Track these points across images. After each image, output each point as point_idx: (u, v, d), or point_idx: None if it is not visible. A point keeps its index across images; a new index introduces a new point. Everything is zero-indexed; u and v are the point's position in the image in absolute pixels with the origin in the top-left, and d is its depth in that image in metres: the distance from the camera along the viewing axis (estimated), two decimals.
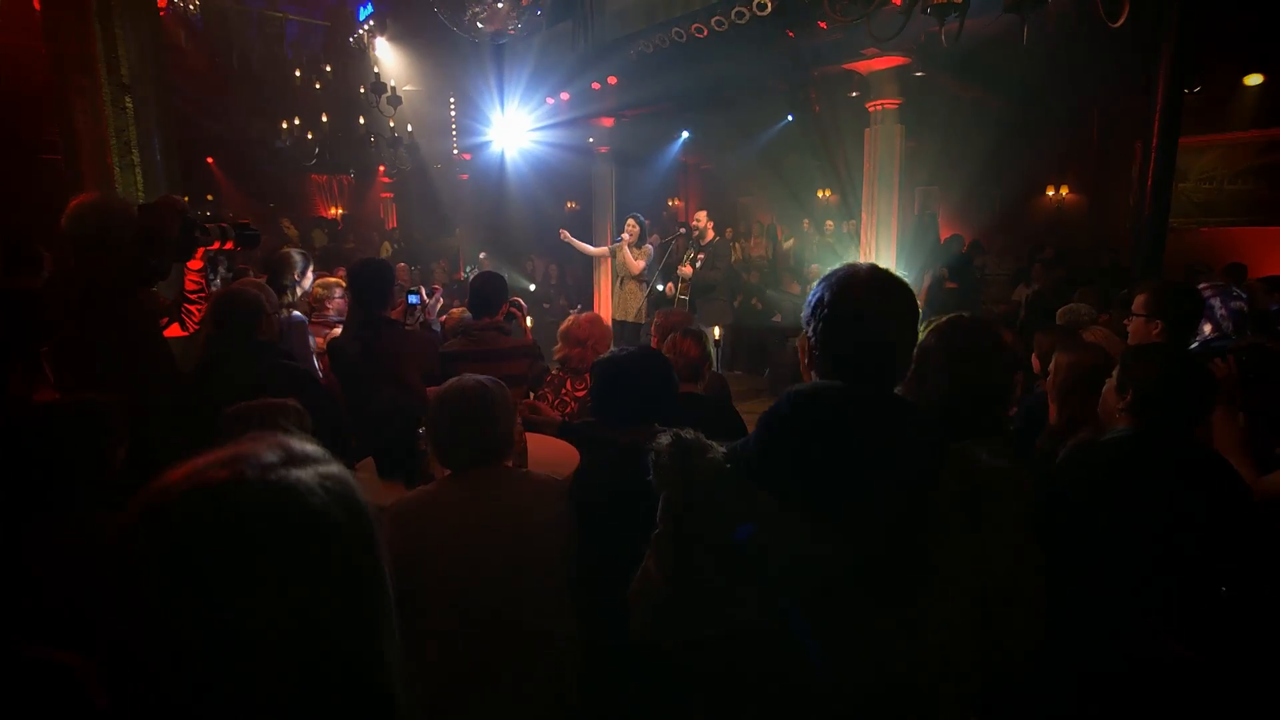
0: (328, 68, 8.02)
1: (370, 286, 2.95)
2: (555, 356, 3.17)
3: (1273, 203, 8.30)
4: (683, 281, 6.07)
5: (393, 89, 7.94)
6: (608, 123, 8.99)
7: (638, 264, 6.70)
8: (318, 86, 8.18)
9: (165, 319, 2.40)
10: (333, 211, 15.68)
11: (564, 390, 3.10)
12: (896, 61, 5.81)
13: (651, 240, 6.62)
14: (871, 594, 1.04)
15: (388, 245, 12.58)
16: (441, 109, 10.47)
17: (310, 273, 3.99)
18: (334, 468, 0.64)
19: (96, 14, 2.81)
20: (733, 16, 5.82)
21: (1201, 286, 3.95)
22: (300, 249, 4.02)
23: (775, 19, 6.21)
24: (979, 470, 1.17)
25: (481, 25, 5.44)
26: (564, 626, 1.77)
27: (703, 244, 6.08)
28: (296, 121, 8.10)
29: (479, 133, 10.21)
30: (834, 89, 7.47)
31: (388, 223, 14.30)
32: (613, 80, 8.10)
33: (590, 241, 9.52)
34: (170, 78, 3.61)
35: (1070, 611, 1.43)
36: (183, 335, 2.54)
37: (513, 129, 9.75)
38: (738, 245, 10.94)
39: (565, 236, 6.77)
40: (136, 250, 2.10)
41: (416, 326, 3.57)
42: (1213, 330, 3.76)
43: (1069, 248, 9.16)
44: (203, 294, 2.56)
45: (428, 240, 12.72)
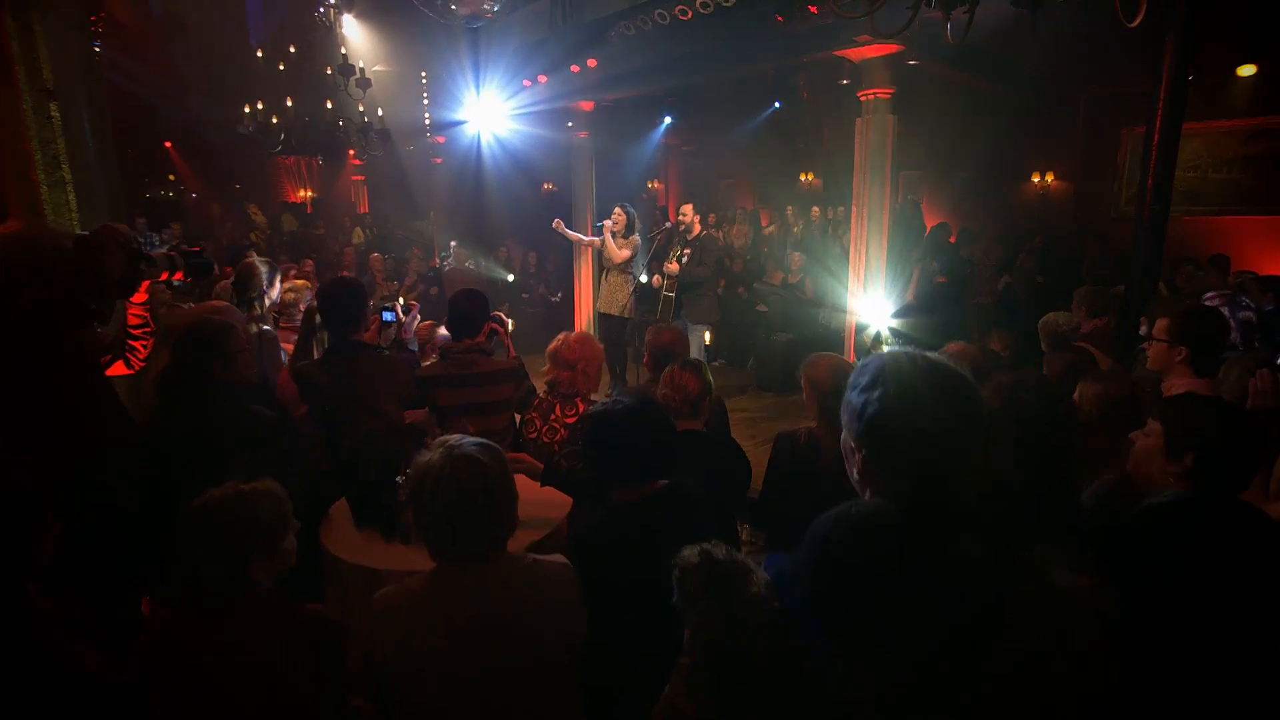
0: (291, 48, 7.59)
1: (341, 310, 2.71)
2: (544, 378, 2.96)
3: (1257, 192, 8.29)
4: (669, 278, 5.86)
5: (361, 70, 7.54)
6: (587, 107, 8.67)
7: (622, 253, 6.47)
8: (281, 68, 7.74)
9: (107, 357, 2.14)
10: (301, 194, 15.14)
11: (553, 416, 2.90)
12: (889, 49, 5.60)
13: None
14: None
15: (359, 231, 12.18)
16: (413, 90, 10.05)
17: (278, 282, 3.73)
18: None
19: (9, 7, 2.44)
20: None
21: (1208, 296, 3.86)
22: (268, 260, 3.74)
23: (763, 3, 5.96)
24: (1056, 596, 1.02)
25: (455, 8, 5.13)
26: None
27: (689, 238, 5.87)
28: (259, 106, 7.67)
29: (453, 116, 9.84)
30: (823, 76, 7.26)
31: (359, 206, 13.83)
32: (592, 63, 7.79)
33: (570, 228, 9.26)
34: (104, 76, 3.26)
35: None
36: (128, 373, 2.29)
37: (489, 112, 9.40)
38: (720, 232, 10.72)
39: (559, 227, 6.52)
40: (72, 292, 1.83)
41: (390, 341, 3.34)
42: None
43: (1054, 235, 9.10)
44: (148, 328, 2.31)
45: (401, 226, 12.33)
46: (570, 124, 9.16)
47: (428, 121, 9.84)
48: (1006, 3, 3.33)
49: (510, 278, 9.25)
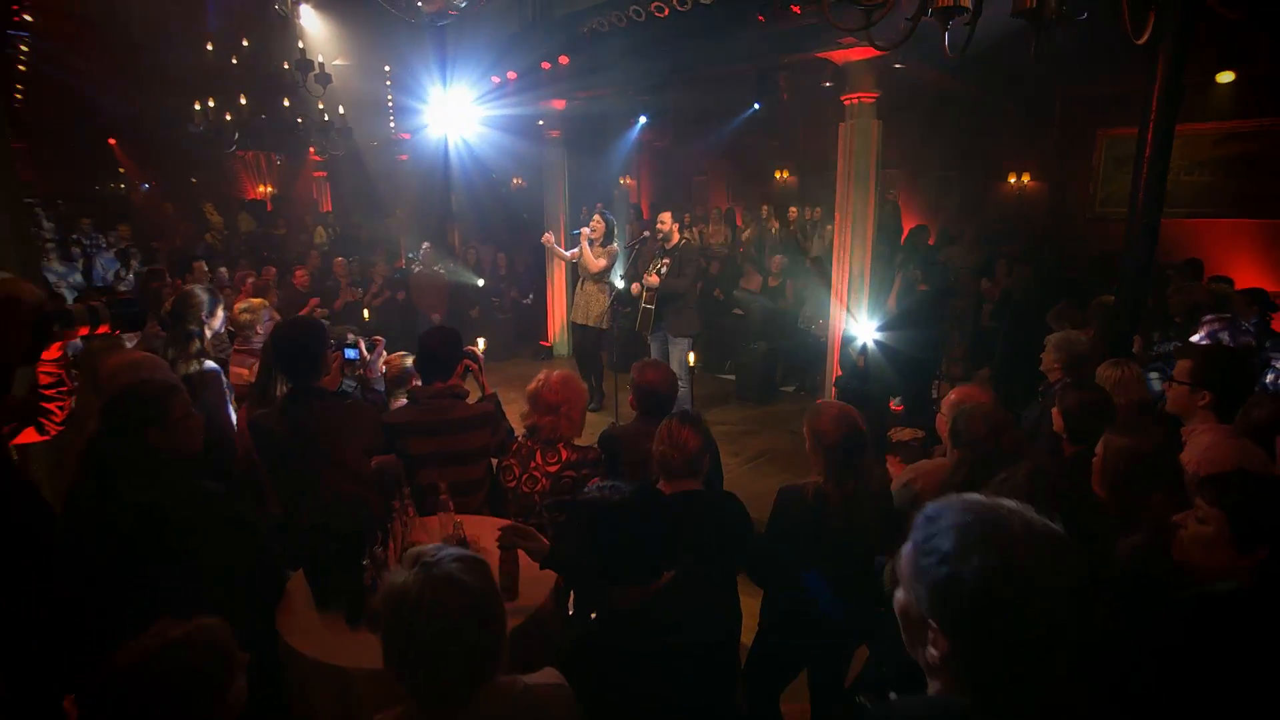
0: (245, 41, 7.16)
1: (297, 355, 2.44)
2: (524, 423, 2.72)
3: (1227, 194, 8.33)
4: (648, 291, 5.64)
5: (320, 65, 7.14)
6: (559, 105, 8.38)
7: (598, 263, 6.24)
8: (234, 61, 7.30)
9: (9, 426, 1.84)
10: (261, 190, 14.53)
11: (534, 464, 2.67)
12: (874, 52, 5.42)
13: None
14: None
15: (322, 230, 11.72)
16: (377, 85, 9.64)
17: (220, 311, 3.42)
18: None
19: None
20: None
21: (1208, 320, 3.77)
22: (206, 285, 3.43)
23: (744, 1, 5.74)
24: None
25: (420, 5, 4.82)
26: None
27: (667, 247, 5.64)
28: (211, 103, 7.24)
29: (419, 112, 9.45)
30: (805, 77, 7.06)
31: (322, 204, 13.32)
32: (564, 60, 7.50)
33: (542, 227, 8.97)
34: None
35: None
36: (43, 439, 2.00)
37: (456, 109, 9.04)
38: (694, 231, 10.50)
39: (549, 243, 6.26)
40: None
41: (355, 375, 3.07)
42: None
43: (1031, 237, 9.09)
44: (63, 386, 2.01)
45: (366, 225, 11.89)
46: (541, 122, 8.86)
47: (392, 119, 9.44)
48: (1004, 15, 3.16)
49: (480, 282, 8.92)
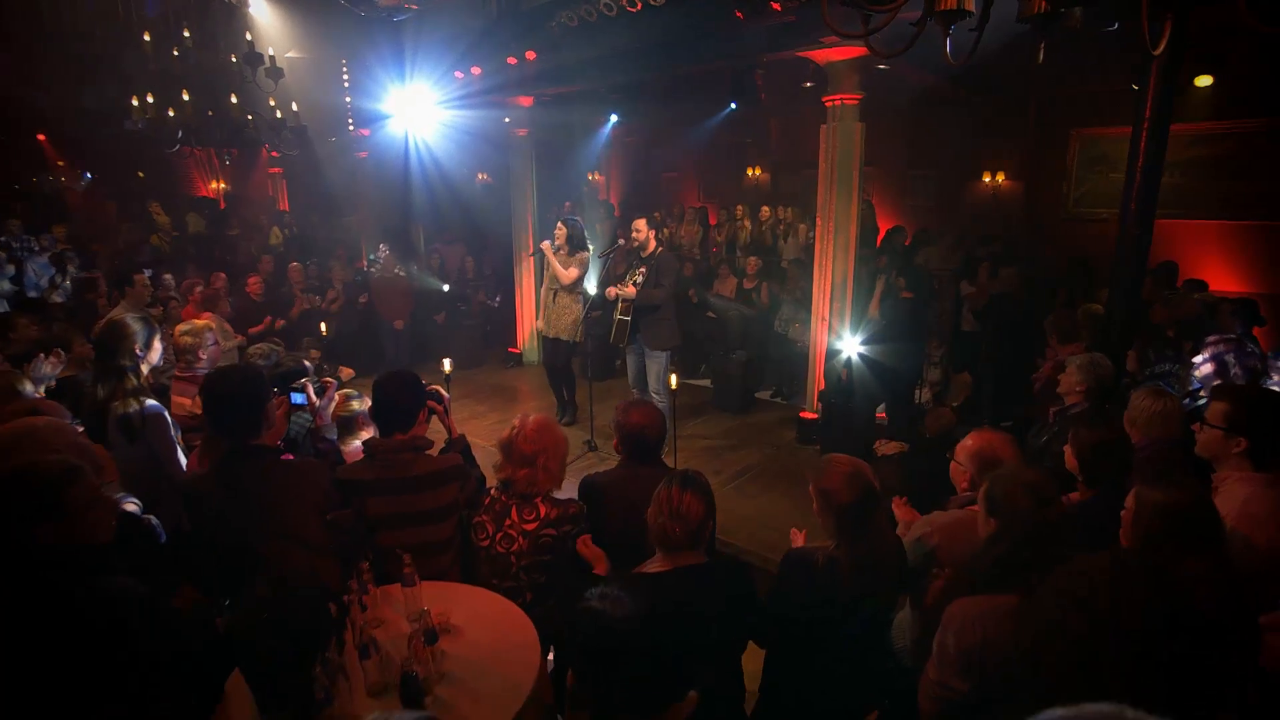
0: (186, 32, 6.65)
1: (233, 407, 2.12)
2: (496, 475, 2.44)
3: (1200, 196, 8.34)
4: (623, 302, 5.36)
5: (271, 59, 6.68)
6: (526, 102, 8.03)
7: (569, 273, 5.94)
8: (175, 54, 6.79)
9: None
10: (214, 186, 13.81)
11: (508, 521, 2.39)
12: (858, 52, 5.20)
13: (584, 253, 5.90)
14: None
15: (277, 231, 11.18)
16: (334, 79, 9.17)
17: (157, 342, 3.07)
18: None
19: None
20: None
21: (1212, 340, 3.63)
22: (140, 314, 3.06)
23: None
24: None
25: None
26: None
27: (643, 255, 5.37)
28: (150, 99, 6.73)
29: (378, 108, 9.01)
30: (782, 74, 6.83)
31: (279, 202, 12.71)
32: (531, 56, 7.17)
33: (510, 230, 8.62)
34: None
35: None
36: None
37: (417, 105, 8.63)
38: (667, 231, 10.24)
39: (547, 250, 5.93)
40: None
41: (303, 422, 2.75)
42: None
43: (1008, 237, 9.02)
44: None
45: (324, 225, 11.37)
46: (507, 119, 8.49)
47: (350, 115, 8.99)
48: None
49: (445, 287, 8.54)
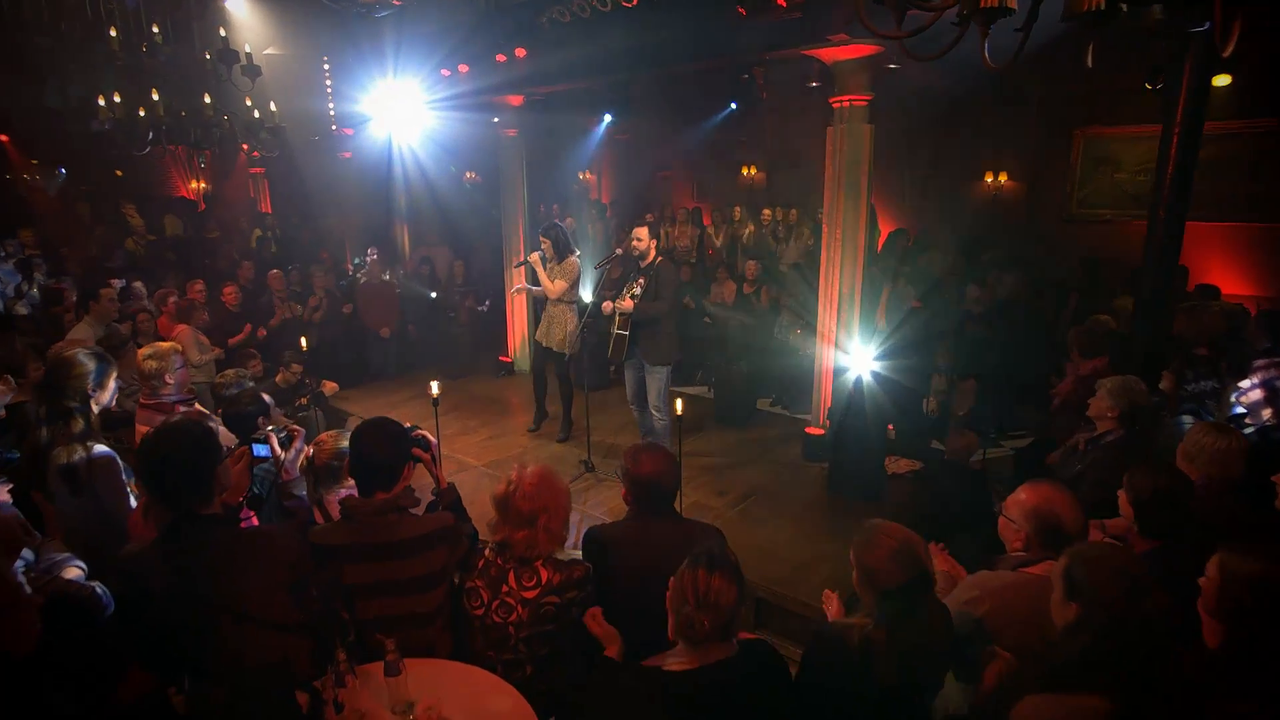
0: (155, 27, 6.29)
1: (174, 472, 1.82)
2: (492, 536, 2.16)
3: (1207, 197, 8.13)
4: (621, 315, 5.08)
5: (248, 56, 6.33)
6: (516, 101, 7.71)
7: (556, 286, 5.67)
8: (144, 48, 6.42)
9: None
10: (194, 186, 13.34)
11: (505, 588, 2.11)
12: (868, 50, 4.94)
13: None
14: None
15: (259, 233, 10.79)
16: (315, 77, 8.80)
17: (112, 379, 2.75)
18: None
19: None
20: None
21: (1260, 365, 3.38)
22: (92, 348, 2.74)
23: None
24: None
25: None
26: None
27: (642, 265, 5.08)
28: (117, 98, 6.36)
29: (362, 106, 8.66)
30: (782, 71, 6.54)
31: (260, 203, 12.30)
32: (521, 53, 6.86)
33: (500, 235, 8.30)
34: None
35: None
36: None
37: (403, 104, 8.29)
38: (661, 232, 9.95)
39: (535, 263, 5.67)
40: None
41: (268, 477, 2.44)
42: (1273, 415, 3.20)
43: (1011, 237, 8.81)
44: None
45: (306, 227, 11.00)
46: (496, 119, 8.16)
47: (333, 114, 8.63)
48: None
49: (433, 295, 8.22)
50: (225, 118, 7.06)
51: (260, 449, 2.20)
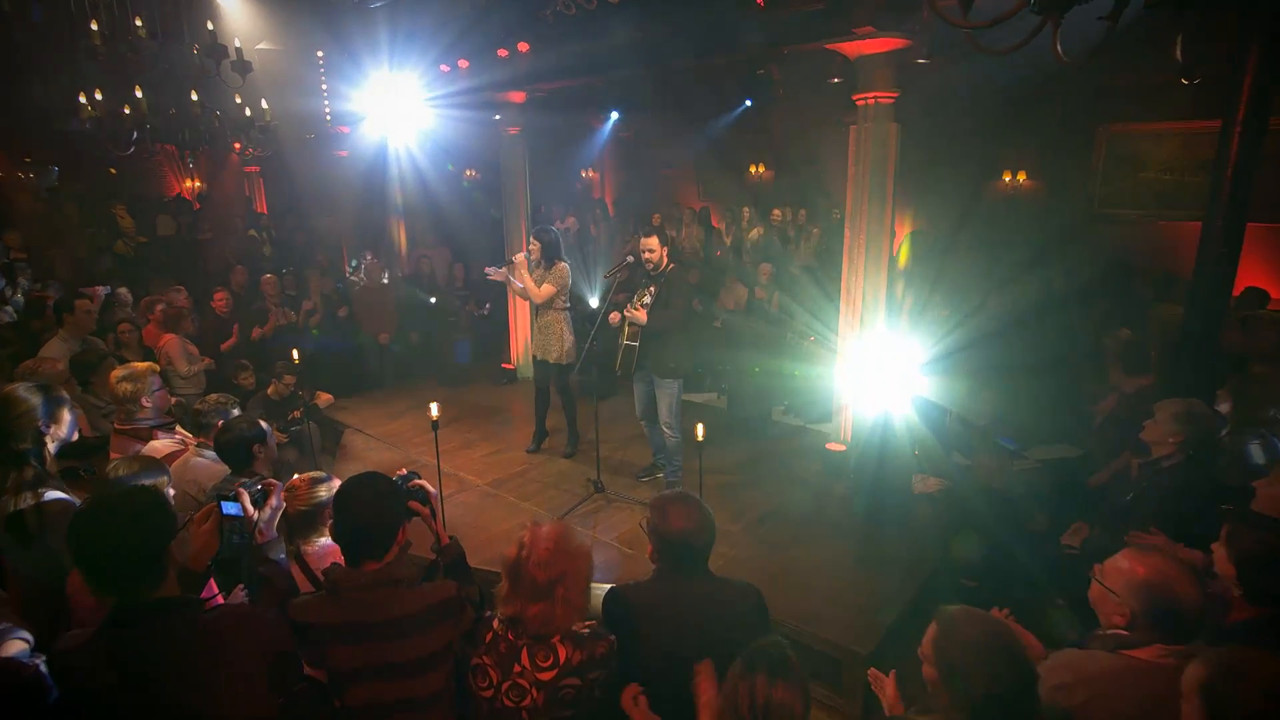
0: (138, 21, 5.96)
1: (113, 558, 1.49)
2: (501, 610, 1.86)
3: (1256, 195, 7.81)
4: (631, 326, 4.77)
5: (238, 51, 6.02)
6: (518, 98, 7.40)
7: (544, 290, 5.37)
8: (129, 43, 6.09)
9: None
10: (189, 185, 12.98)
11: (518, 668, 1.81)
12: (894, 44, 4.62)
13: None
14: None
15: (254, 235, 10.47)
16: (309, 73, 8.47)
17: (66, 410, 2.44)
18: None
19: None
20: None
21: None
22: (39, 384, 2.42)
23: None
24: None
25: None
26: None
27: (654, 274, 4.77)
28: (99, 96, 6.05)
29: (358, 104, 8.34)
30: (798, 66, 6.22)
31: (256, 203, 11.97)
32: (524, 47, 6.55)
33: (500, 236, 8.00)
34: None
35: None
36: None
37: (400, 101, 7.97)
38: (671, 233, 9.63)
39: (520, 263, 5.38)
40: None
41: (241, 533, 2.12)
42: None
43: (1032, 238, 8.48)
44: None
45: (302, 228, 10.69)
46: (498, 117, 7.84)
47: (328, 111, 8.30)
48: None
49: (433, 300, 7.91)
50: (216, 115, 6.75)
51: (230, 507, 1.90)
